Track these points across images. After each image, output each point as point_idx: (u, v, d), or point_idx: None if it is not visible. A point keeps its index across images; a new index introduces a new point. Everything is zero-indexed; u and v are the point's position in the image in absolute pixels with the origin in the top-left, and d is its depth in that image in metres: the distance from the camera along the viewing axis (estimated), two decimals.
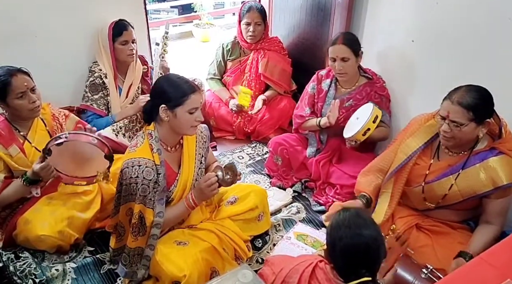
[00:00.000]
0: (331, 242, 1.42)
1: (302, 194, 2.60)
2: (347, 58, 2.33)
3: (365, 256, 1.35)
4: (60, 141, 1.81)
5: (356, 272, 1.34)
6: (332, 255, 1.41)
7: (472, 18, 2.01)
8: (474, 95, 1.69)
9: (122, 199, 1.84)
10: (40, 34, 2.46)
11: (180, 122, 1.79)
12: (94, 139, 1.86)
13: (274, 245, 2.19)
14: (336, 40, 2.35)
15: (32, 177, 1.88)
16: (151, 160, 1.78)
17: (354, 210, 1.48)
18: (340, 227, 1.40)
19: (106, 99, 2.53)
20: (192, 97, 1.76)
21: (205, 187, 1.83)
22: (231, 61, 3.15)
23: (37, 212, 1.97)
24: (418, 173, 1.94)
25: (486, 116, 1.72)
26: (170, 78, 1.83)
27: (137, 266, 1.86)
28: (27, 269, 1.90)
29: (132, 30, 2.49)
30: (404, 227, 1.93)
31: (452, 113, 1.70)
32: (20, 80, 1.92)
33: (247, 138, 3.18)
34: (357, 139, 2.28)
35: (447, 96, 1.76)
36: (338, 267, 1.41)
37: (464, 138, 1.76)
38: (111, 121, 2.48)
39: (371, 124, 2.22)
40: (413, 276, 1.64)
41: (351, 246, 1.35)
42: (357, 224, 1.38)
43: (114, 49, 2.48)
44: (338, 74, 2.42)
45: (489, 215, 1.82)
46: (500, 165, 1.74)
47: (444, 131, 1.75)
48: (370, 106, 2.28)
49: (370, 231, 1.37)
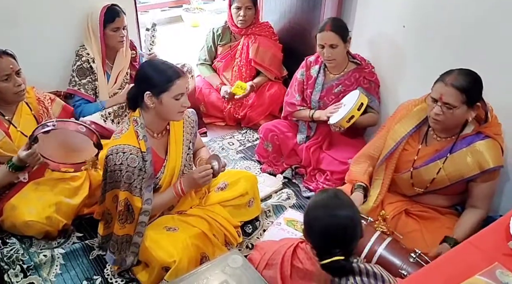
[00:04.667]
0: (307, 221, 1.45)
1: (292, 180, 2.61)
2: (335, 44, 2.31)
3: (339, 236, 1.38)
4: (47, 129, 1.78)
5: (330, 252, 1.36)
6: (309, 234, 1.45)
7: (463, 4, 2.01)
8: (467, 78, 1.70)
9: (107, 185, 1.83)
10: (27, 16, 2.39)
11: (166, 108, 1.75)
12: (82, 128, 1.84)
13: (264, 231, 2.20)
14: (324, 27, 2.32)
15: (18, 164, 1.85)
16: (136, 147, 1.75)
17: (333, 191, 1.52)
18: (317, 207, 1.44)
19: (94, 84, 2.48)
20: (177, 83, 1.72)
21: (198, 177, 1.82)
22: (222, 47, 3.11)
23: (24, 198, 1.95)
24: (406, 159, 1.95)
25: (477, 99, 1.73)
26: (154, 64, 1.80)
27: (126, 254, 1.85)
28: (15, 255, 1.89)
29: (124, 16, 2.44)
30: (393, 213, 1.95)
31: (446, 95, 1.70)
32: (6, 62, 1.88)
33: (237, 124, 3.17)
34: (342, 126, 2.29)
35: (439, 79, 1.76)
36: (314, 246, 1.45)
37: (454, 122, 1.77)
38: (101, 108, 2.44)
39: (356, 112, 2.23)
40: (401, 260, 1.65)
41: (325, 226, 1.38)
42: (333, 204, 1.42)
43: (105, 35, 2.42)
44: (326, 61, 2.41)
45: (475, 199, 1.84)
46: (486, 148, 1.76)
47: (436, 113, 1.75)
48: (357, 93, 2.28)
49: (346, 212, 1.40)
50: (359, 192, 1.96)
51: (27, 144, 1.82)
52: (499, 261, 1.18)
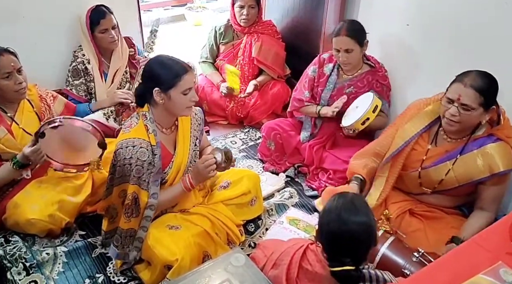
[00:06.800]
0: (320, 225, 1.43)
1: (295, 179, 2.60)
2: (351, 49, 2.27)
3: (350, 244, 1.35)
4: (54, 125, 1.80)
5: (340, 260, 1.34)
6: (320, 238, 1.43)
7: (468, 1, 1.99)
8: (485, 80, 1.67)
9: (115, 180, 1.82)
10: (28, 14, 2.39)
11: (175, 104, 1.76)
12: (88, 126, 1.85)
13: (267, 229, 2.19)
14: (340, 31, 2.26)
15: (22, 161, 1.85)
16: (146, 141, 1.76)
17: (351, 196, 1.46)
18: (330, 212, 1.40)
19: (87, 85, 2.46)
20: (185, 78, 1.73)
21: (202, 168, 1.81)
22: (224, 45, 3.11)
23: (27, 196, 1.95)
24: (415, 159, 1.93)
25: (493, 102, 1.71)
26: (161, 60, 1.79)
27: (129, 248, 1.85)
28: (17, 253, 1.89)
29: (111, 16, 2.36)
30: (397, 212, 1.94)
31: (464, 96, 1.67)
32: (7, 60, 1.88)
33: (240, 123, 3.16)
34: (356, 128, 2.26)
35: (457, 79, 1.73)
36: (325, 251, 1.43)
37: (469, 124, 1.75)
38: (88, 110, 2.40)
39: (371, 114, 2.19)
40: (404, 259, 1.65)
41: (336, 233, 1.36)
42: (347, 209, 1.37)
43: (94, 37, 2.38)
44: (342, 64, 2.38)
45: (483, 202, 1.82)
46: (497, 151, 1.73)
47: (452, 114, 1.72)
48: (371, 96, 2.24)
49: (359, 218, 1.36)
50: (354, 184, 1.95)
51: (33, 141, 1.82)
52: (503, 260, 1.17)
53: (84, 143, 1.92)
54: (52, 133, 1.82)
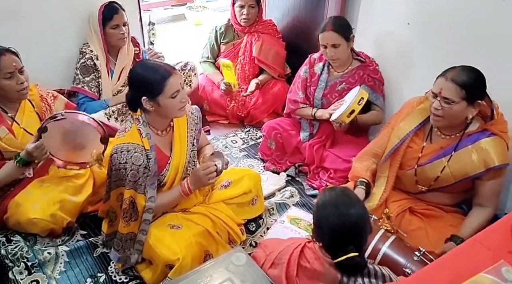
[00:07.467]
0: (318, 221, 1.46)
1: (296, 178, 2.60)
2: (338, 44, 2.30)
3: (352, 233, 1.39)
4: (56, 118, 1.80)
5: (343, 249, 1.38)
6: (320, 234, 1.45)
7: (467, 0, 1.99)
8: (468, 74, 1.69)
9: (112, 184, 1.83)
10: (29, 14, 2.40)
11: (166, 108, 1.74)
12: (90, 119, 1.86)
13: (268, 228, 2.19)
14: (325, 27, 2.31)
15: (25, 158, 1.85)
16: (140, 145, 1.75)
17: (340, 189, 1.52)
18: (326, 206, 1.44)
19: (97, 81, 2.48)
20: (170, 82, 1.70)
21: (203, 175, 1.81)
22: (225, 44, 3.11)
23: (28, 195, 1.95)
24: (411, 156, 1.94)
25: (478, 97, 1.72)
26: (143, 67, 1.77)
27: (130, 251, 1.86)
28: (19, 252, 1.89)
29: (123, 13, 2.42)
30: (397, 211, 1.94)
31: (445, 90, 1.70)
32: (9, 59, 1.88)
33: (240, 123, 3.16)
34: (343, 121, 2.28)
35: (441, 74, 1.76)
36: (325, 245, 1.45)
37: (454, 118, 1.76)
38: (105, 105, 2.44)
39: (356, 106, 2.22)
40: (405, 258, 1.65)
41: (338, 225, 1.39)
42: (343, 202, 1.42)
43: (105, 33, 2.42)
44: (330, 60, 2.40)
45: (481, 197, 1.83)
46: (492, 146, 1.75)
47: (435, 108, 1.75)
48: (357, 89, 2.28)
49: (356, 209, 1.41)
50: (361, 189, 1.96)
51: (36, 137, 1.82)
52: (505, 258, 1.16)
53: (87, 139, 1.92)
54: (54, 128, 1.82)
